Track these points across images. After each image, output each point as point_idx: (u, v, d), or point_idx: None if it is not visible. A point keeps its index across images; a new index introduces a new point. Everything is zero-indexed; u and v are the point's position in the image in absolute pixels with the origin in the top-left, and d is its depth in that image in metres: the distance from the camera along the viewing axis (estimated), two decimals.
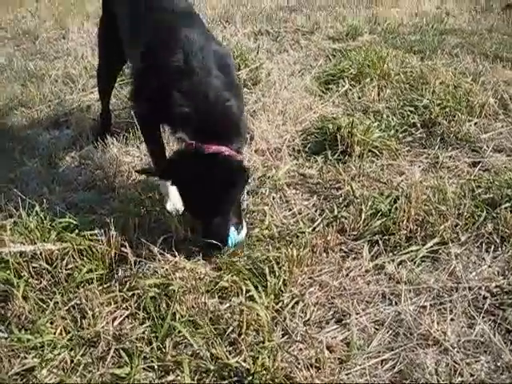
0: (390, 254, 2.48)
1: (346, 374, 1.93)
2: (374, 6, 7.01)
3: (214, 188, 2.36)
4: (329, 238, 2.52)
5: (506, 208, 2.64)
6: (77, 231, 2.52)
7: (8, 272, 2.30)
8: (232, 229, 2.46)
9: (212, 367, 1.93)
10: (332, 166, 3.13)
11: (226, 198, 2.43)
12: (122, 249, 2.37)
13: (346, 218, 2.67)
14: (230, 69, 2.66)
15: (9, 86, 4.59)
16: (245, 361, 1.93)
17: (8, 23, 6.77)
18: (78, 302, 2.22)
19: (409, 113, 3.68)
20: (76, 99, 4.26)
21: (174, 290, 2.19)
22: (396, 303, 2.23)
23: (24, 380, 1.96)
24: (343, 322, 2.15)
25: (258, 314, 2.08)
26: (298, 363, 1.93)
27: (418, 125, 3.57)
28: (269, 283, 2.25)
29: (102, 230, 2.48)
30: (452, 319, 2.13)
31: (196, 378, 1.91)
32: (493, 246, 2.50)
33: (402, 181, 2.95)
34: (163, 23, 2.71)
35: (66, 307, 2.19)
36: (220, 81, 2.51)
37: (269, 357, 1.93)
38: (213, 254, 2.45)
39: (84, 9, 7.01)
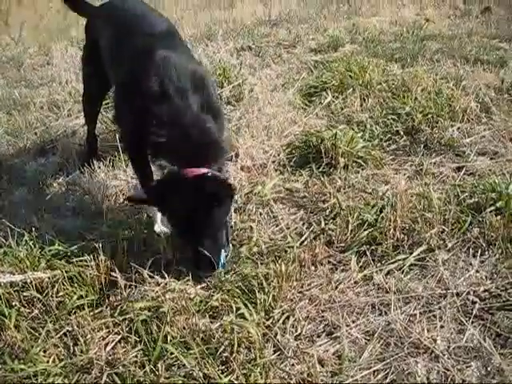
0: (378, 263, 2.50)
1: None
2: (354, 16, 7.09)
3: (202, 211, 2.38)
4: (317, 251, 2.54)
5: (490, 212, 2.66)
6: (66, 258, 2.54)
7: None
8: (222, 251, 2.48)
9: None
10: (317, 178, 3.15)
11: (214, 219, 2.44)
12: (112, 273, 2.38)
13: (333, 231, 2.69)
14: (208, 90, 2.68)
15: None
16: (237, 379, 1.93)
17: None
18: (70, 328, 2.22)
19: (392, 121, 3.72)
20: (62, 125, 4.28)
21: (165, 312, 2.20)
22: (386, 313, 2.24)
23: None
24: (334, 334, 2.16)
25: (248, 332, 2.09)
26: (291, 379, 1.94)
27: (402, 133, 3.61)
28: (258, 300, 2.26)
29: (92, 256, 2.48)
30: (442, 326, 2.15)
31: None
32: (480, 251, 2.52)
33: (387, 190, 2.97)
34: (142, 47, 2.74)
35: (58, 335, 2.19)
36: (196, 103, 2.53)
37: (261, 374, 1.94)
38: (203, 279, 2.46)
39: (68, 34, 7.05)
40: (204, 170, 2.42)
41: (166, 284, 2.36)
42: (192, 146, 2.48)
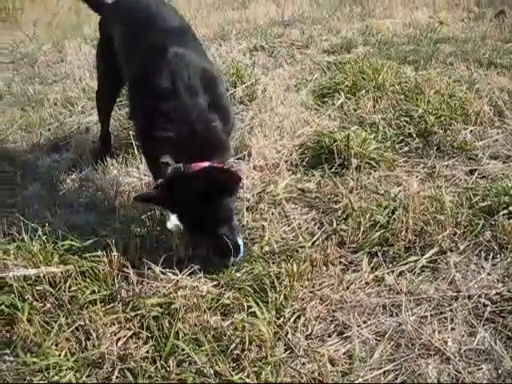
0: (390, 265, 2.50)
1: None
2: (367, 18, 7.08)
3: (213, 200, 2.43)
4: (328, 252, 2.54)
5: (503, 215, 2.65)
6: (79, 253, 2.56)
7: (12, 296, 2.32)
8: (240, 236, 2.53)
9: None
10: (330, 179, 3.15)
11: (227, 205, 2.49)
12: (124, 269, 2.40)
13: (344, 231, 2.69)
14: (218, 89, 2.71)
15: (8, 111, 4.64)
16: (248, 377, 1.94)
17: (6, 48, 6.83)
18: (82, 323, 2.24)
19: (404, 123, 3.72)
20: (75, 122, 4.31)
21: (177, 309, 2.22)
22: (397, 314, 2.24)
23: None
24: (345, 334, 2.17)
25: (260, 330, 2.10)
26: (301, 377, 1.95)
27: (414, 135, 3.61)
28: (270, 299, 2.27)
29: (104, 252, 2.51)
30: (453, 328, 2.15)
31: None
32: (492, 254, 2.52)
33: (399, 192, 2.97)
34: (155, 43, 2.75)
35: (71, 329, 2.21)
36: (205, 102, 2.57)
37: (272, 372, 1.95)
38: (228, 263, 2.49)
39: (81, 31, 7.08)
40: (207, 163, 2.47)
41: (177, 281, 2.38)
42: (196, 143, 2.52)
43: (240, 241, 2.51)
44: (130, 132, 3.56)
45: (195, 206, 2.44)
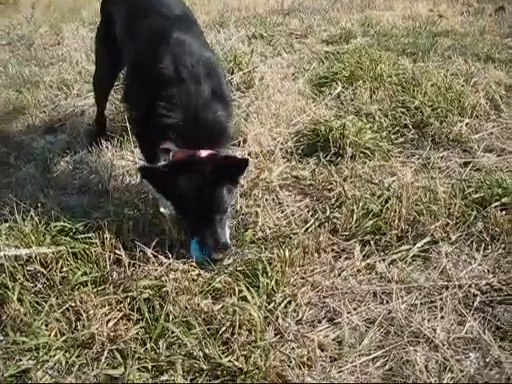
0: (382, 253, 2.51)
1: (338, 372, 1.95)
2: (367, 9, 7.05)
3: (213, 189, 2.43)
4: (321, 239, 2.54)
5: (496, 207, 2.67)
6: (71, 235, 2.55)
7: (3, 276, 2.32)
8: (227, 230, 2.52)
9: (205, 367, 1.95)
10: (324, 167, 3.15)
11: (225, 196, 2.48)
12: (117, 251, 2.40)
13: (338, 219, 2.69)
14: (219, 77, 2.70)
15: (4, 92, 4.62)
16: (237, 360, 1.95)
17: (3, 29, 6.79)
18: (73, 304, 2.23)
19: (401, 114, 3.72)
20: (71, 104, 4.29)
21: (168, 292, 2.22)
22: (387, 302, 2.25)
23: (19, 382, 1.98)
24: (335, 320, 2.18)
25: (250, 314, 2.10)
26: (290, 362, 1.96)
27: (410, 126, 3.61)
28: (261, 284, 2.28)
29: (97, 234, 2.51)
30: (442, 317, 2.16)
31: (189, 378, 1.93)
32: (483, 245, 2.53)
33: (393, 181, 2.97)
34: (158, 28, 2.74)
35: (61, 309, 2.21)
36: (207, 89, 2.56)
37: (261, 356, 1.95)
38: (215, 260, 2.45)
39: (79, 15, 7.04)
40: (211, 152, 2.47)
41: (169, 264, 2.37)
42: (201, 131, 2.51)
43: (227, 236, 2.49)
44: (125, 115, 3.54)
45: (197, 193, 2.42)
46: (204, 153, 2.46)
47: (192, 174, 2.43)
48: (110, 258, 2.43)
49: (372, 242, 2.55)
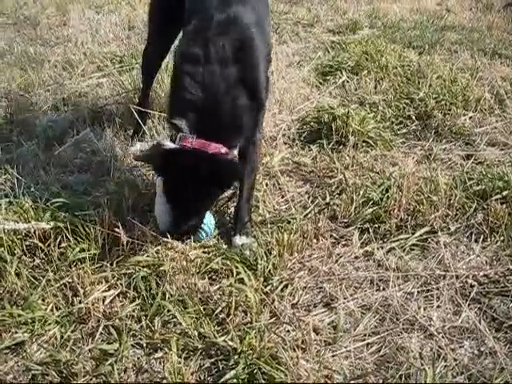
0: (380, 241, 2.51)
1: (332, 356, 1.96)
2: (375, 1, 7.02)
3: (199, 187, 2.32)
4: (320, 225, 2.54)
5: (496, 200, 2.66)
6: (71, 211, 2.55)
7: (1, 249, 2.33)
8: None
9: (199, 345, 1.96)
10: (326, 155, 3.14)
11: (206, 199, 2.45)
12: (115, 229, 2.39)
13: (337, 206, 2.69)
14: (254, 62, 2.47)
15: (8, 70, 4.60)
16: (232, 340, 1.96)
17: (9, 9, 6.76)
18: (70, 280, 2.25)
19: (404, 105, 3.70)
20: (75, 85, 4.27)
21: (165, 271, 2.23)
22: (384, 289, 2.25)
23: (14, 354, 1.99)
24: (331, 305, 2.18)
25: (246, 296, 2.11)
26: (285, 344, 1.96)
27: (414, 117, 3.59)
28: (259, 266, 2.28)
29: (96, 211, 2.52)
30: (438, 306, 2.17)
31: (183, 356, 1.94)
32: (482, 237, 2.52)
33: (394, 171, 2.96)
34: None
35: (58, 285, 2.23)
36: (233, 75, 2.37)
37: (256, 337, 1.95)
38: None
39: None
40: (217, 146, 2.33)
41: (167, 243, 2.37)
42: (215, 118, 2.35)
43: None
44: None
45: (181, 184, 2.32)
46: (213, 147, 2.30)
47: (185, 171, 2.28)
48: (108, 236, 2.42)
49: (371, 230, 2.55)
